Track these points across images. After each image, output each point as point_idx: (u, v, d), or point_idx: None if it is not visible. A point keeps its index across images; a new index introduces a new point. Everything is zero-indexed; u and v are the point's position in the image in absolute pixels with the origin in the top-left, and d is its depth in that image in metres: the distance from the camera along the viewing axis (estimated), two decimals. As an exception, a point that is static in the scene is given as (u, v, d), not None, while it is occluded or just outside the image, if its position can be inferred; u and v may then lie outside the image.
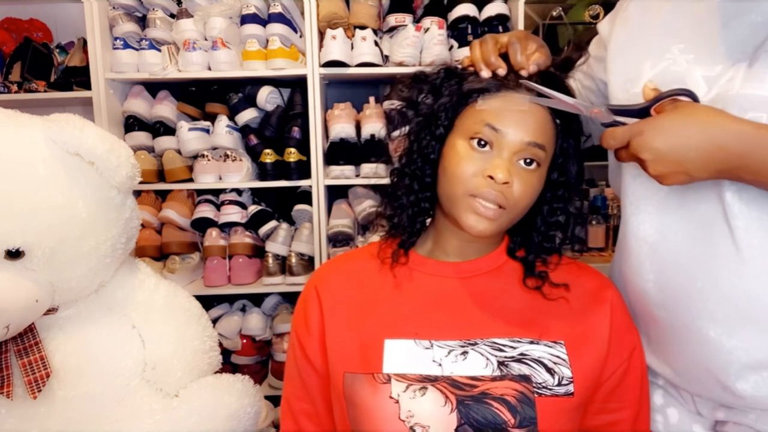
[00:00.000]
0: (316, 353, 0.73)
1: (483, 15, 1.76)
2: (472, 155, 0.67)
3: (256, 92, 1.82)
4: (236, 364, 1.89)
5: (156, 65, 1.72)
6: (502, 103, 0.67)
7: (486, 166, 0.66)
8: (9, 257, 0.78)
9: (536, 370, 0.66)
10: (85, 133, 0.81)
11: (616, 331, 0.71)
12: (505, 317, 0.70)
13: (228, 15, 1.72)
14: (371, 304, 0.72)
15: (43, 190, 0.79)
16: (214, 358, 1.05)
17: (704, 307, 0.67)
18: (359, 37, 1.68)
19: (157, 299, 0.99)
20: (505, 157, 0.66)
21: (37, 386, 0.83)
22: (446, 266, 0.75)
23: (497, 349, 0.67)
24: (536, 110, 0.68)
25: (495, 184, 0.65)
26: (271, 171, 1.75)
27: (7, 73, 1.85)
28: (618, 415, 0.72)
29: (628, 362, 0.71)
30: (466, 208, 0.66)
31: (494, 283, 0.73)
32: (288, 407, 0.78)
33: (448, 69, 0.74)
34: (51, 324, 0.89)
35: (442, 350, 0.67)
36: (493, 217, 0.66)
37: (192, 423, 0.92)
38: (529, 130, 0.66)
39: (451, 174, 0.67)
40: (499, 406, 0.63)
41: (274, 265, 1.79)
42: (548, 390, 0.65)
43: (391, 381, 0.65)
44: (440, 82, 0.73)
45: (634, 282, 0.75)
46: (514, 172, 0.66)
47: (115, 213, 0.89)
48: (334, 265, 0.80)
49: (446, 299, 0.72)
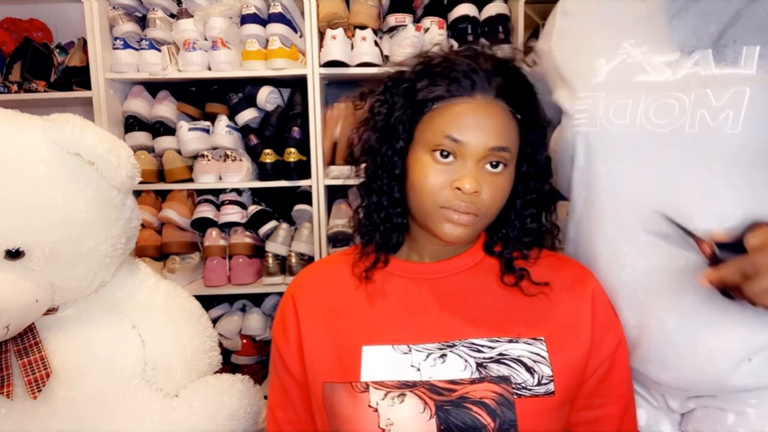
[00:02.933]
0: (295, 363, 0.73)
1: (483, 15, 1.76)
2: (436, 167, 0.65)
3: (256, 92, 1.82)
4: (236, 364, 1.89)
5: (156, 65, 1.72)
6: (459, 111, 0.66)
7: (452, 177, 0.65)
8: (9, 257, 0.78)
9: (515, 371, 0.65)
10: (85, 133, 0.81)
11: (599, 324, 0.70)
12: (484, 316, 0.69)
13: (228, 15, 1.72)
14: (348, 311, 0.72)
15: (43, 190, 0.79)
16: (214, 358, 1.05)
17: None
18: (359, 37, 1.68)
19: (157, 299, 0.99)
20: (471, 166, 0.65)
21: (37, 386, 0.83)
22: (422, 267, 0.74)
23: (475, 350, 0.66)
24: (495, 112, 0.66)
25: (464, 194, 0.64)
26: (271, 171, 1.75)
27: (7, 73, 1.85)
28: (604, 410, 0.71)
29: (613, 357, 0.70)
30: (440, 219, 0.66)
31: (471, 282, 0.72)
32: (272, 416, 0.78)
33: (396, 78, 0.71)
34: (51, 324, 0.89)
35: (421, 354, 0.66)
36: (468, 223, 0.65)
37: (192, 423, 0.92)
38: (491, 134, 0.65)
39: (419, 188, 0.66)
40: (478, 410, 0.63)
41: (274, 265, 1.79)
42: (528, 390, 0.64)
43: (369, 389, 0.64)
44: (390, 94, 0.71)
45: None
46: (482, 178, 0.65)
47: (115, 213, 0.89)
48: (311, 273, 0.79)
49: (423, 301, 0.71)
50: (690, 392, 0.75)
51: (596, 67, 0.75)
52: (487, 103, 0.66)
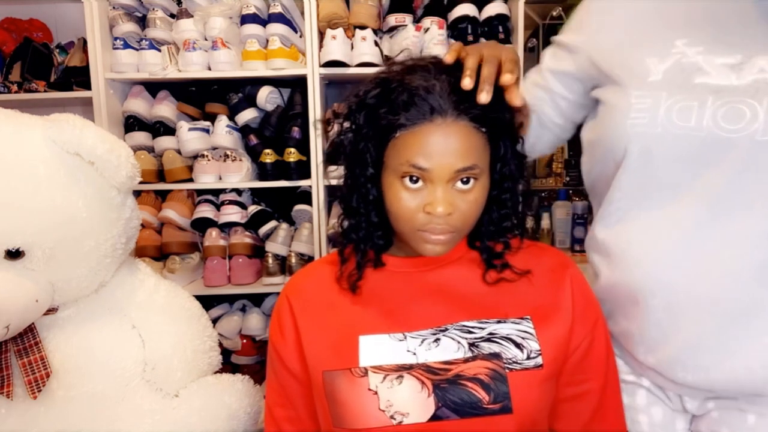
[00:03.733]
0: (293, 359, 0.74)
1: (483, 15, 1.76)
2: (407, 194, 0.66)
3: (256, 92, 1.82)
4: (236, 364, 1.89)
5: (156, 65, 1.72)
6: (422, 138, 0.64)
7: (424, 201, 0.65)
8: (9, 257, 0.78)
9: (506, 347, 0.68)
10: (85, 133, 0.81)
11: (579, 303, 0.73)
12: (472, 301, 0.72)
13: (228, 15, 1.72)
14: (343, 305, 0.74)
15: (43, 190, 0.79)
16: (214, 358, 1.05)
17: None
18: (359, 37, 1.68)
19: (157, 299, 0.99)
20: (440, 190, 0.64)
21: (37, 386, 0.83)
22: (410, 261, 0.76)
23: (467, 331, 0.69)
24: (458, 132, 0.64)
25: (437, 218, 0.65)
26: (271, 171, 1.75)
27: (7, 73, 1.85)
28: (586, 386, 0.73)
29: (592, 334, 0.73)
30: (419, 240, 0.68)
31: (458, 272, 0.75)
32: (270, 414, 0.79)
33: (360, 102, 0.70)
34: (51, 324, 0.89)
35: (416, 340, 0.69)
36: (446, 240, 0.67)
37: (192, 423, 0.92)
38: (456, 156, 0.64)
39: (394, 214, 0.68)
40: (474, 386, 0.65)
41: (274, 265, 1.79)
42: (518, 364, 0.67)
43: (368, 373, 0.66)
44: (355, 118, 0.70)
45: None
46: (453, 197, 0.65)
47: (115, 213, 0.89)
48: (304, 273, 0.81)
49: (414, 293, 0.73)
50: (714, 394, 0.74)
51: (648, 65, 0.71)
52: (448, 125, 0.64)
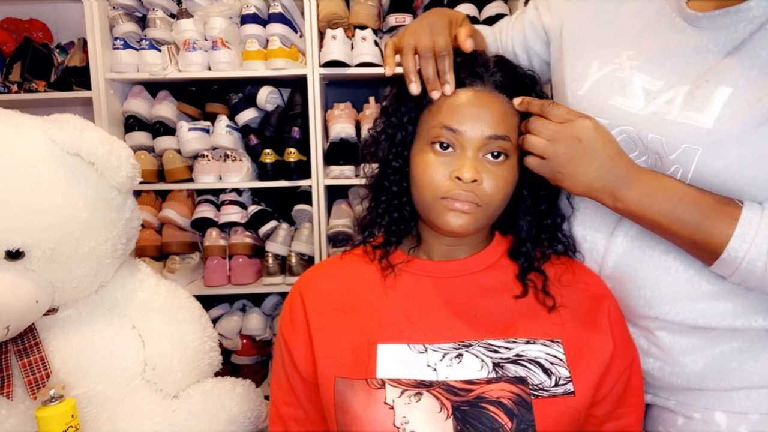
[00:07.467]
0: (302, 358, 0.71)
1: (483, 15, 1.76)
2: (437, 160, 0.66)
3: (256, 92, 1.82)
4: (236, 364, 1.89)
5: (156, 65, 1.72)
6: (457, 102, 0.66)
7: (452, 168, 0.65)
8: (9, 258, 0.78)
9: (532, 372, 0.64)
10: (85, 133, 0.81)
11: (618, 338, 0.69)
12: (500, 317, 0.68)
13: (228, 15, 1.72)
14: (361, 308, 0.71)
15: (43, 190, 0.79)
16: (214, 358, 1.04)
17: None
18: (359, 37, 1.68)
19: (157, 299, 0.99)
20: (470, 156, 0.65)
21: (37, 387, 0.83)
22: (436, 265, 0.74)
23: (492, 350, 0.65)
24: (492, 102, 0.67)
25: (464, 184, 0.64)
26: (271, 171, 1.75)
27: (7, 73, 1.85)
28: (625, 420, 0.70)
29: (630, 369, 0.70)
30: (441, 210, 0.66)
31: (486, 282, 0.72)
32: (276, 412, 0.76)
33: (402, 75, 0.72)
34: (51, 324, 0.89)
35: (437, 354, 0.65)
36: (470, 210, 0.65)
37: (191, 427, 0.92)
38: (488, 123, 0.65)
39: (420, 182, 0.67)
40: (496, 410, 0.61)
41: (274, 265, 1.79)
42: (545, 391, 0.63)
43: (385, 386, 0.63)
44: (398, 90, 0.72)
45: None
46: (482, 168, 0.65)
47: (116, 213, 0.89)
48: (320, 269, 0.79)
49: (438, 301, 0.70)
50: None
51: (590, 68, 0.74)
52: (485, 94, 0.66)
